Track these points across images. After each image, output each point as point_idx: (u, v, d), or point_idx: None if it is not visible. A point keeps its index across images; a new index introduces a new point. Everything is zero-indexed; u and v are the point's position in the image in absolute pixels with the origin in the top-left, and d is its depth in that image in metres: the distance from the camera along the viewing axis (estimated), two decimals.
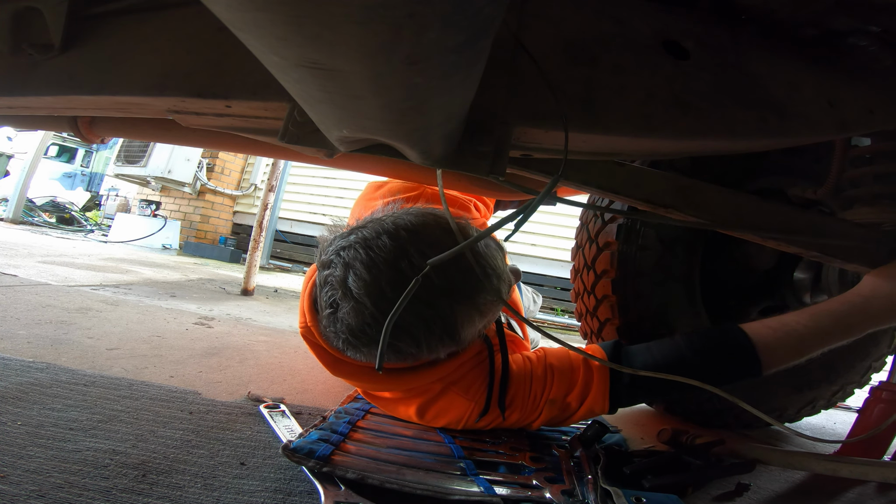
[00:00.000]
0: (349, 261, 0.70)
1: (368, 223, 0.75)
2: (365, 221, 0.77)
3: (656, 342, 0.93)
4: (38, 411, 0.82)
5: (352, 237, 0.72)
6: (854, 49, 0.64)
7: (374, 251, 0.69)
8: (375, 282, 0.68)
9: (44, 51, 0.63)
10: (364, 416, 0.95)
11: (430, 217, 0.76)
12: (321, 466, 0.70)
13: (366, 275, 0.68)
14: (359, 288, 0.68)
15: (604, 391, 0.86)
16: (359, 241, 0.71)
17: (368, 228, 0.73)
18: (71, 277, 2.30)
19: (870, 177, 0.90)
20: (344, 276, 0.70)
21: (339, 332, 0.73)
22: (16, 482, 0.61)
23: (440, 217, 0.76)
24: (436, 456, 0.81)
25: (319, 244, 0.79)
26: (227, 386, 1.10)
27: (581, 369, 0.87)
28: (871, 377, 1.25)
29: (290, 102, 0.55)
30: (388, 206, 0.85)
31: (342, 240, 0.73)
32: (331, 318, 0.73)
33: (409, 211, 0.78)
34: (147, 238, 5.27)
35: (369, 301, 0.68)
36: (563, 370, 0.88)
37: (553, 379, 0.87)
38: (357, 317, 0.70)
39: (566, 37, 0.58)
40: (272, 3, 0.23)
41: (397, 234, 0.70)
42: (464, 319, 0.74)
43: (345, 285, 0.69)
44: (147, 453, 0.73)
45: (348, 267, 0.70)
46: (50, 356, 1.10)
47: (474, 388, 0.87)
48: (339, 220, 0.84)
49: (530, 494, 0.71)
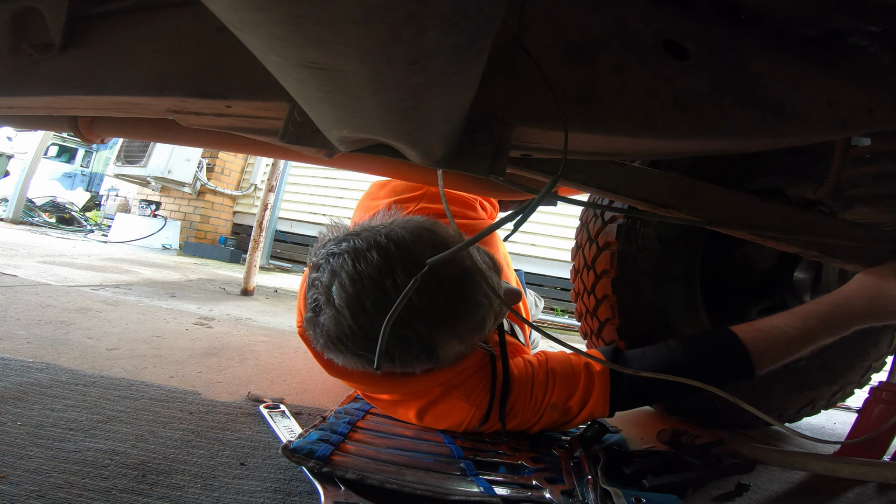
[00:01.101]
0: (336, 269, 0.70)
1: (363, 231, 0.74)
2: (361, 228, 0.76)
3: (650, 347, 0.94)
4: (38, 411, 0.82)
5: (343, 244, 0.72)
6: (854, 49, 0.64)
7: (362, 264, 0.69)
8: (358, 296, 0.68)
9: (44, 51, 0.63)
10: (364, 416, 0.95)
11: (425, 233, 0.74)
12: (321, 467, 0.70)
13: (350, 287, 0.68)
14: (341, 299, 0.68)
15: (605, 396, 0.86)
16: (349, 250, 0.71)
17: (362, 237, 0.72)
18: (71, 277, 2.30)
19: (870, 177, 0.90)
20: (329, 283, 0.70)
21: (317, 336, 0.74)
22: (16, 482, 0.61)
23: (435, 232, 0.75)
24: (436, 456, 0.81)
25: (316, 243, 0.79)
26: (226, 386, 1.10)
27: (582, 374, 0.88)
28: (871, 377, 1.25)
29: (290, 102, 0.55)
30: (389, 210, 0.84)
31: (334, 245, 0.73)
32: (312, 322, 0.74)
33: (406, 222, 0.77)
34: (147, 238, 5.27)
35: (349, 313, 0.68)
36: (564, 374, 0.88)
37: (555, 383, 0.87)
38: (336, 326, 0.70)
39: (566, 37, 0.58)
40: (272, 3, 0.23)
41: (387, 250, 0.70)
42: (443, 343, 0.74)
43: (328, 292, 0.70)
44: (147, 453, 0.73)
45: (335, 275, 0.70)
46: (50, 356, 1.10)
47: (476, 393, 0.87)
48: (339, 219, 0.84)
49: (530, 495, 0.71)
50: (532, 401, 0.87)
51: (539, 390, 0.87)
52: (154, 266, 3.40)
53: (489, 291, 0.75)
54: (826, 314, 0.89)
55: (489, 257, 0.84)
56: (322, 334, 0.72)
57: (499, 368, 0.88)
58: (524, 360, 0.92)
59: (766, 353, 0.88)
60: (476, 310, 0.74)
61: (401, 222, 0.77)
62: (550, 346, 2.03)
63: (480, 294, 0.74)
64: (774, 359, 0.88)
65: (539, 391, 0.87)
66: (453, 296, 0.72)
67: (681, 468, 0.86)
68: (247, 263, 2.72)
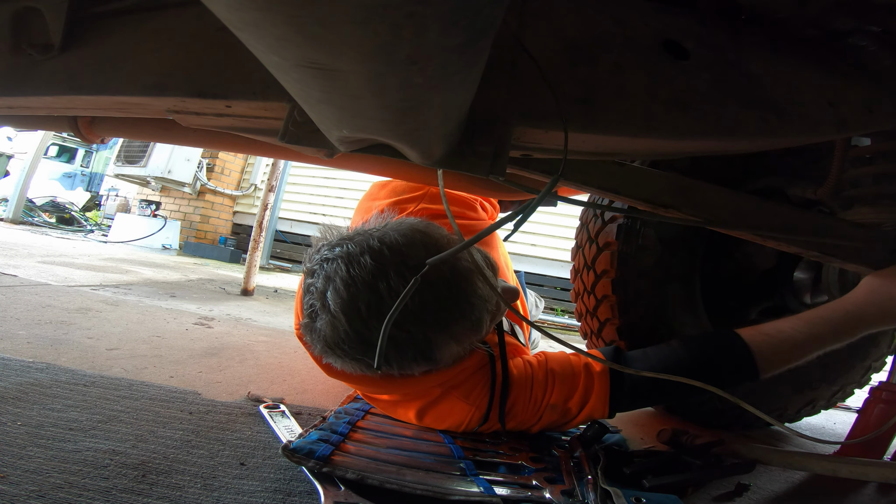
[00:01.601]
0: (331, 274, 0.70)
1: (357, 235, 0.74)
2: (355, 233, 0.76)
3: (653, 347, 0.93)
4: (38, 411, 0.82)
5: (337, 250, 0.72)
6: (854, 49, 0.64)
7: (355, 269, 0.69)
8: (352, 300, 0.68)
9: (44, 51, 0.63)
10: (364, 416, 0.95)
11: (417, 235, 0.74)
12: (321, 467, 0.70)
13: (344, 292, 0.68)
14: (336, 304, 0.69)
15: (604, 397, 0.86)
16: (342, 255, 0.71)
17: (356, 241, 0.72)
18: (71, 277, 2.30)
19: (870, 177, 0.90)
20: (324, 289, 0.70)
21: (314, 341, 0.74)
22: (16, 482, 0.61)
23: (429, 234, 0.75)
24: (436, 456, 0.81)
25: (310, 248, 0.79)
26: (226, 386, 1.10)
27: (582, 374, 0.87)
28: (871, 377, 1.25)
29: (290, 102, 0.55)
30: (384, 213, 0.84)
31: (328, 250, 0.74)
32: (309, 327, 0.74)
33: (400, 224, 0.77)
34: (147, 238, 5.27)
35: (344, 318, 0.69)
36: (564, 375, 0.88)
37: (554, 384, 0.87)
38: (332, 331, 0.70)
39: (566, 37, 0.58)
40: (272, 3, 0.23)
41: (380, 254, 0.70)
42: (439, 344, 0.74)
43: (323, 298, 0.70)
44: (147, 453, 0.73)
45: (329, 280, 0.70)
46: (50, 356, 1.10)
47: (475, 394, 0.87)
48: (332, 223, 0.83)
49: (530, 494, 0.71)
50: (532, 401, 0.87)
51: (539, 390, 0.87)
52: (154, 266, 3.40)
53: (485, 291, 0.75)
54: (835, 319, 0.88)
55: (487, 257, 0.84)
56: (319, 339, 0.73)
57: (498, 369, 0.88)
58: (524, 361, 0.92)
59: (771, 358, 0.87)
60: (471, 311, 0.74)
61: (394, 225, 0.77)
62: (551, 346, 2.03)
63: (474, 295, 0.74)
64: (780, 363, 0.88)
65: (539, 391, 0.87)
66: (447, 297, 0.71)
67: (681, 468, 0.86)
68: (247, 263, 2.72)
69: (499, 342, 0.90)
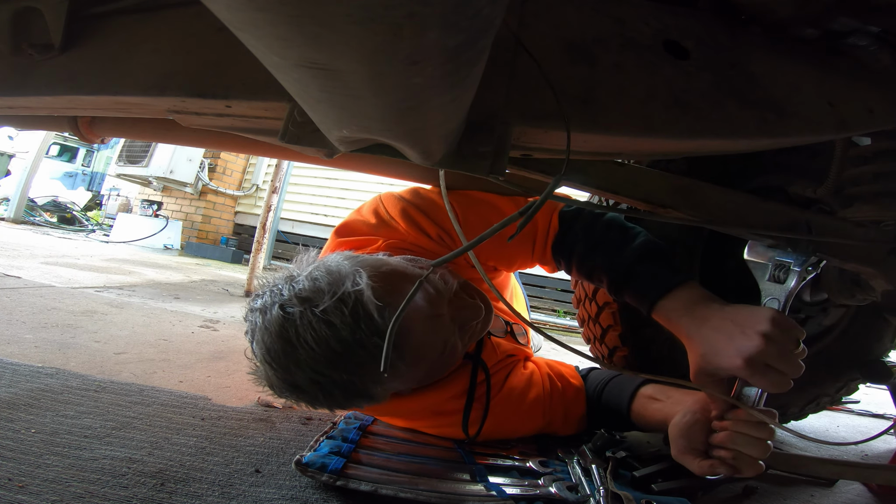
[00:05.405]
0: (253, 326, 0.73)
1: (275, 286, 0.75)
2: (276, 280, 0.76)
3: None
4: (52, 418, 0.81)
5: (257, 301, 0.75)
6: (854, 49, 0.64)
7: (268, 320, 0.71)
8: (270, 351, 0.70)
9: (44, 51, 0.63)
10: (374, 420, 0.97)
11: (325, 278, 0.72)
12: (335, 480, 0.71)
13: (262, 344, 0.71)
14: (261, 355, 0.72)
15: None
16: (260, 307, 0.73)
17: (273, 290, 0.74)
18: (74, 279, 2.30)
19: (870, 175, 0.89)
20: (251, 339, 0.74)
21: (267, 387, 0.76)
22: (35, 492, 0.60)
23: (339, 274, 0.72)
24: (446, 462, 0.82)
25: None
26: (236, 391, 1.10)
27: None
28: None
29: (290, 102, 0.55)
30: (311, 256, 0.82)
31: (253, 300, 0.76)
32: (257, 373, 0.77)
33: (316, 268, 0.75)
34: (149, 238, 5.27)
35: (269, 368, 0.72)
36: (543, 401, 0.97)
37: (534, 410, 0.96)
38: (269, 378, 0.73)
39: (566, 37, 0.58)
40: (272, 3, 0.23)
41: (289, 301, 0.71)
42: (366, 383, 0.72)
43: (252, 348, 0.74)
44: (163, 461, 0.73)
45: (253, 333, 0.73)
46: (58, 361, 1.10)
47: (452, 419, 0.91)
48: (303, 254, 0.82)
49: (539, 494, 0.72)
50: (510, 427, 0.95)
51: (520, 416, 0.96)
52: (156, 267, 3.40)
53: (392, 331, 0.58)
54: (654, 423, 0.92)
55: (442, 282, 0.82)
56: (270, 385, 0.75)
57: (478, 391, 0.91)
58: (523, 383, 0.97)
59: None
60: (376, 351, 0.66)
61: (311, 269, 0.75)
62: (552, 347, 2.03)
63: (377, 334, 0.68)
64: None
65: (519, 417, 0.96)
66: (349, 340, 0.68)
67: (689, 472, 0.86)
68: (250, 265, 2.72)
69: (472, 366, 0.91)
